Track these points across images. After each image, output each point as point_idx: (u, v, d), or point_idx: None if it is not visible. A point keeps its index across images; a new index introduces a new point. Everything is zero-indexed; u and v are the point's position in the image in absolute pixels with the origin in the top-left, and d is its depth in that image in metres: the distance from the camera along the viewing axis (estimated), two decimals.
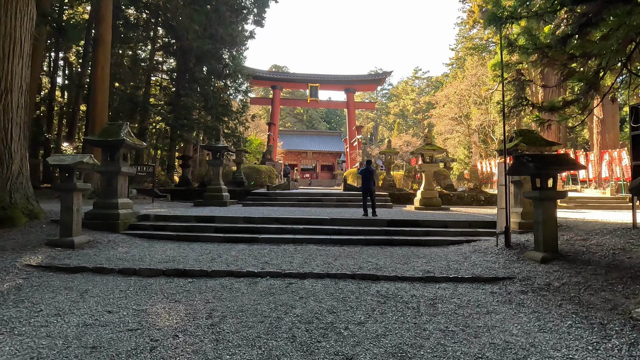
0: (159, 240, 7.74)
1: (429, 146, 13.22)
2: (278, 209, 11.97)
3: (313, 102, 39.76)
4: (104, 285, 4.83)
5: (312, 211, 11.13)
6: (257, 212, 10.60)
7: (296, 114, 74.32)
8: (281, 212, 10.68)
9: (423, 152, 13.13)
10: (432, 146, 13.31)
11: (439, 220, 8.83)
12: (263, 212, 10.64)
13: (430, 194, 13.11)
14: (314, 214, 10.24)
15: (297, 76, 38.87)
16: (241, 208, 12.26)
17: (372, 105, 48.56)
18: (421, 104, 64.36)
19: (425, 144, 13.33)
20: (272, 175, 21.07)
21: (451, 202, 18.56)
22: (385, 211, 11.63)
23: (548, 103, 6.15)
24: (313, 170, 53.55)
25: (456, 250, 7.05)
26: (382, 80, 40.82)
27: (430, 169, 13.32)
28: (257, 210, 11.30)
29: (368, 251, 6.98)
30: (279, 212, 10.69)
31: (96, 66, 14.91)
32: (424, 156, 13.18)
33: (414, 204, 13.89)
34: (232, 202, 13.99)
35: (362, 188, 10.05)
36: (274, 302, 4.22)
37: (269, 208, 12.18)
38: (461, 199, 19.43)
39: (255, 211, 10.84)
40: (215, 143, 13.67)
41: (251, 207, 12.49)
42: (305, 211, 11.03)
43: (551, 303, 4.20)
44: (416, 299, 4.39)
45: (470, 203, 18.87)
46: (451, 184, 21.35)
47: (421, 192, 13.19)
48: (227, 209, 11.82)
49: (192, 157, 22.21)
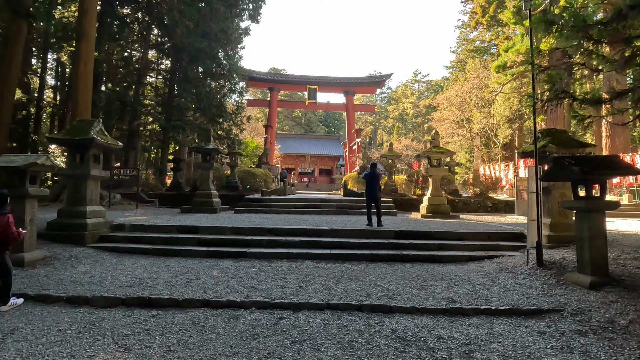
0: (131, 255, 6.66)
1: (437, 149, 12.21)
2: (272, 216, 10.91)
3: (311, 105, 38.80)
4: (40, 322, 3.74)
5: (310, 219, 10.08)
6: (248, 220, 9.54)
7: (294, 117, 73.41)
8: (275, 220, 9.62)
9: (430, 154, 12.11)
10: (439, 148, 12.31)
11: (454, 232, 7.79)
12: (255, 220, 9.57)
13: (438, 201, 12.08)
14: (311, 223, 9.19)
15: (295, 78, 37.95)
16: (232, 215, 11.19)
17: (371, 107, 47.67)
18: (421, 108, 63.62)
19: (433, 146, 12.33)
20: (268, 180, 20.02)
21: (457, 209, 17.59)
22: (390, 220, 10.58)
23: (592, 95, 5.15)
24: (311, 174, 52.50)
25: (478, 269, 6.01)
26: (381, 83, 39.95)
27: (438, 173, 12.31)
28: (249, 218, 10.24)
29: (375, 270, 5.92)
30: (272, 220, 9.63)
31: (78, 62, 13.87)
32: (431, 159, 12.17)
33: (419, 211, 12.85)
34: (223, 209, 12.91)
35: (366, 194, 9.02)
36: (257, 351, 3.15)
37: (262, 216, 11.11)
38: (467, 205, 18.46)
39: (246, 219, 9.78)
40: (205, 144, 12.62)
41: (243, 215, 11.42)
42: (302, 220, 9.97)
43: (627, 353, 3.15)
44: (445, 344, 3.34)
45: (476, 210, 17.88)
46: (456, 189, 20.38)
47: (428, 198, 12.16)
48: (216, 216, 10.75)
49: (185, 160, 21.14)
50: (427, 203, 12.13)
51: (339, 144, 53.59)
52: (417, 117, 64.75)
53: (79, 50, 13.94)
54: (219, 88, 22.02)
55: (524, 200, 14.06)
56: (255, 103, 41.93)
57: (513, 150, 37.88)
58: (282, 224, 8.71)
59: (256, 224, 8.59)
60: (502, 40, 37.41)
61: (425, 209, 12.07)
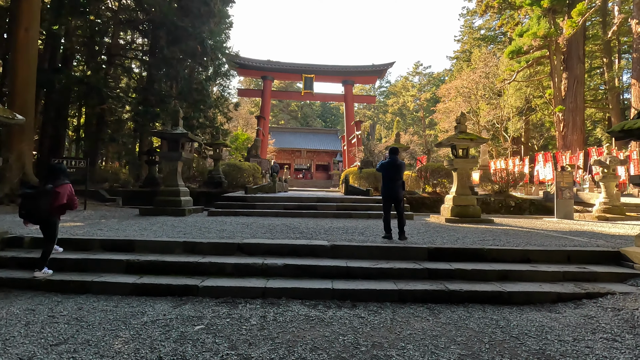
0: (10, 293, 4.08)
1: (464, 135, 9.67)
2: (254, 221, 8.34)
3: (307, 95, 36.11)
4: None
5: (303, 226, 7.52)
6: (218, 228, 6.97)
7: (290, 111, 70.64)
8: (255, 228, 7.06)
9: (456, 142, 9.56)
10: (467, 135, 9.77)
11: (515, 250, 5.26)
12: (228, 228, 7.00)
13: (466, 201, 9.55)
14: (304, 232, 6.63)
15: (290, 66, 35.19)
16: (202, 220, 8.60)
17: (372, 98, 44.97)
18: (422, 101, 61.15)
19: (458, 132, 9.77)
20: (256, 175, 17.42)
21: None
22: (408, 226, 8.08)
23: None
24: (307, 170, 49.93)
25: (585, 322, 3.50)
26: (383, 72, 37.30)
27: (465, 165, 9.78)
28: (222, 224, 7.67)
29: (409, 323, 3.41)
30: (252, 228, 7.06)
31: (17, 27, 11.16)
32: (457, 148, 9.62)
33: (439, 212, 10.35)
34: (194, 210, 10.33)
35: (383, 192, 6.43)
36: None
37: (241, 220, 8.54)
38: (487, 204, 16.02)
39: (217, 226, 7.20)
40: (172, 129, 9.99)
41: (217, 218, 8.84)
42: (291, 227, 7.41)
43: None
44: None
45: (498, 210, 15.46)
46: (472, 186, 17.93)
47: (453, 197, 9.63)
48: (179, 221, 8.15)
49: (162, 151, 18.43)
50: (451, 203, 9.61)
51: (336, 139, 50.99)
52: (418, 111, 62.27)
53: (18, 11, 11.22)
54: (201, 70, 19.31)
55: (566, 200, 11.62)
56: (247, 93, 39.13)
57: (522, 145, 35.56)
58: (263, 235, 6.15)
59: (224, 236, 6.02)
60: (513, 27, 34.94)
61: (449, 211, 9.55)
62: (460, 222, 9.12)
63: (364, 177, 16.84)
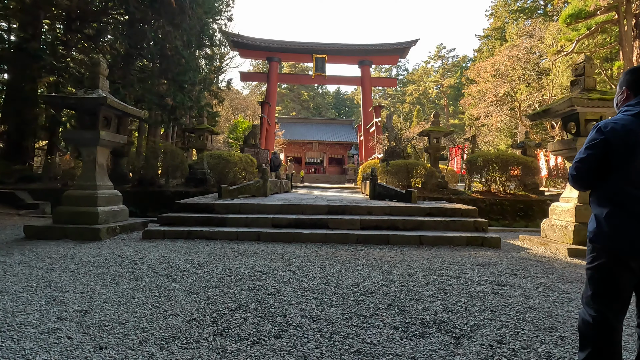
0: None
1: (598, 94, 5.24)
2: (207, 260, 4.25)
3: (319, 78, 31.69)
4: None
5: (296, 279, 3.36)
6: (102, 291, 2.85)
7: (302, 101, 66.30)
8: (189, 283, 2.91)
9: (583, 106, 5.16)
10: (604, 94, 5.32)
11: None
12: (126, 289, 2.88)
13: None
14: (295, 304, 2.44)
15: (299, 45, 30.78)
16: (111, 257, 4.54)
17: (393, 81, 40.09)
18: (445, 87, 55.87)
19: (583, 90, 5.36)
20: (250, 169, 13.33)
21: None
22: (496, 266, 3.81)
23: None
24: (320, 164, 45.72)
25: None
26: (405, 51, 32.47)
27: None
28: (130, 270, 3.55)
29: None
30: (183, 286, 2.92)
31: None
32: (582, 119, 5.24)
33: (541, 231, 6.03)
34: (127, 226, 6.28)
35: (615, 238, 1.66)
36: None
37: (191, 254, 4.48)
38: None
39: (108, 282, 3.10)
40: (86, 92, 5.91)
41: (151, 249, 4.77)
42: (270, 279, 3.26)
43: None
44: None
45: None
46: (535, 182, 13.42)
47: (575, 208, 5.29)
48: (67, 261, 4.10)
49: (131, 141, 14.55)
50: (571, 219, 5.27)
51: (351, 129, 46.54)
52: (441, 99, 57.00)
53: None
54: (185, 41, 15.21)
55: None
56: (251, 77, 34.96)
57: None
58: (196, 317, 1.98)
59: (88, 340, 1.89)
60: None
61: (567, 234, 5.22)
62: None
63: (392, 172, 12.51)
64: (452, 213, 6.51)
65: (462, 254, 5.02)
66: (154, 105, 13.98)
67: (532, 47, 28.13)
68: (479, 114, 33.19)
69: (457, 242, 5.51)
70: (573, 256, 4.94)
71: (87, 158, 6.09)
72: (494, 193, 12.37)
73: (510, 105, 30.99)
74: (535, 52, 28.09)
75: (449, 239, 5.53)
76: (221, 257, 4.52)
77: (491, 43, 39.70)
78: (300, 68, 57.92)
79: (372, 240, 5.56)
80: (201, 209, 6.85)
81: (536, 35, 27.41)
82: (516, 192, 12.53)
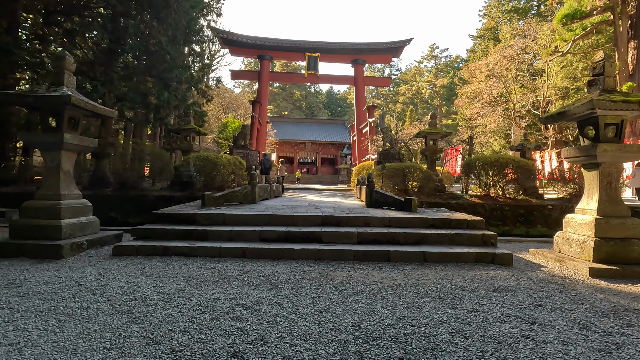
0: None
1: (620, 95, 4.74)
2: (179, 289, 3.63)
3: (311, 77, 31.05)
4: None
5: (283, 317, 2.76)
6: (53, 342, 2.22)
7: (294, 100, 65.55)
8: (157, 321, 2.29)
9: (605, 109, 4.66)
10: (624, 96, 4.82)
11: None
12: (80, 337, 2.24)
13: (624, 228, 4.71)
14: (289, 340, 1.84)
15: (291, 43, 30.08)
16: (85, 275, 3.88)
17: (386, 80, 39.58)
18: (438, 88, 55.69)
19: (602, 91, 4.85)
20: (239, 172, 12.66)
21: (556, 223, 10.57)
22: (528, 297, 3.27)
23: None
24: (312, 164, 45.14)
25: None
26: (399, 50, 32.02)
27: (621, 157, 4.90)
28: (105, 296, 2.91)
29: None
30: (150, 324, 2.29)
31: None
32: (602, 123, 4.74)
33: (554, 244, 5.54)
34: (96, 240, 5.62)
35: None
36: None
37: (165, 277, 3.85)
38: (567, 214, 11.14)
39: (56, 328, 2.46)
40: (48, 90, 5.21)
41: (116, 269, 4.12)
42: (252, 315, 2.65)
43: None
44: None
45: None
46: (535, 186, 13.01)
47: (595, 220, 4.78)
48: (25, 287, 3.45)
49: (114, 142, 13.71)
50: (590, 234, 4.78)
51: (344, 129, 46.06)
52: (434, 99, 56.81)
53: None
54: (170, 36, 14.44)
55: None
56: (242, 75, 34.15)
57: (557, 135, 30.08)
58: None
59: None
60: None
61: (587, 250, 4.73)
62: (621, 276, 4.30)
63: (388, 176, 11.94)
64: (457, 225, 5.97)
65: (472, 273, 4.47)
66: (136, 104, 13.21)
67: (526, 48, 27.91)
68: (472, 114, 32.94)
69: (464, 259, 4.97)
70: (595, 276, 4.43)
71: (50, 164, 5.40)
72: (493, 197, 11.91)
73: (504, 106, 30.78)
74: (529, 53, 27.87)
75: (456, 255, 4.98)
76: (198, 282, 3.90)
77: (484, 43, 39.51)
78: (292, 67, 57.21)
79: (371, 257, 4.99)
80: (181, 219, 6.19)
81: (530, 36, 27.16)
82: (516, 197, 12.08)
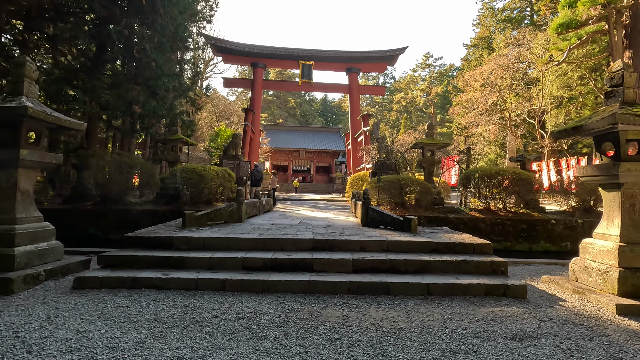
0: None
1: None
2: (141, 340, 3.00)
3: (305, 85, 30.66)
4: None
5: None
6: None
7: (289, 108, 65.19)
8: None
9: (628, 125, 4.18)
10: None
11: None
12: None
13: None
14: None
15: (285, 51, 29.73)
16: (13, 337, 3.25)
17: (381, 89, 39.33)
18: (432, 96, 55.73)
19: (623, 104, 4.39)
20: (227, 184, 12.04)
21: (559, 239, 10.26)
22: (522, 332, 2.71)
23: None
24: (307, 172, 44.57)
25: None
26: (393, 59, 31.81)
27: None
28: None
29: None
30: None
31: None
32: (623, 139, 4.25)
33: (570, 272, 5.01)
34: (58, 269, 4.99)
35: None
36: None
37: (114, 337, 3.22)
38: (571, 230, 10.83)
39: None
40: (4, 101, 4.63)
41: (63, 320, 3.48)
42: None
43: None
44: None
45: None
46: (536, 199, 12.57)
47: (618, 248, 4.26)
48: None
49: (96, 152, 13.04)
50: (614, 263, 4.25)
51: (338, 138, 45.68)
52: (428, 107, 56.80)
53: None
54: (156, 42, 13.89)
55: None
56: (235, 83, 33.65)
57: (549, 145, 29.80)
58: None
59: None
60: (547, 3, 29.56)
61: (611, 283, 4.20)
62: None
63: (384, 188, 11.40)
64: (462, 249, 5.42)
65: (484, 311, 3.91)
66: (120, 112, 12.59)
67: (521, 57, 27.81)
68: (468, 123, 32.72)
69: (473, 292, 4.40)
70: (623, 315, 3.88)
71: (4, 183, 4.77)
72: (494, 211, 11.42)
73: (499, 115, 30.60)
74: (523, 62, 27.77)
75: (464, 287, 4.42)
76: (164, 328, 3.28)
77: (479, 52, 39.57)
78: (286, 75, 56.97)
79: (368, 289, 4.40)
80: (157, 243, 5.57)
81: (525, 45, 27.09)
82: (517, 210, 11.61)
